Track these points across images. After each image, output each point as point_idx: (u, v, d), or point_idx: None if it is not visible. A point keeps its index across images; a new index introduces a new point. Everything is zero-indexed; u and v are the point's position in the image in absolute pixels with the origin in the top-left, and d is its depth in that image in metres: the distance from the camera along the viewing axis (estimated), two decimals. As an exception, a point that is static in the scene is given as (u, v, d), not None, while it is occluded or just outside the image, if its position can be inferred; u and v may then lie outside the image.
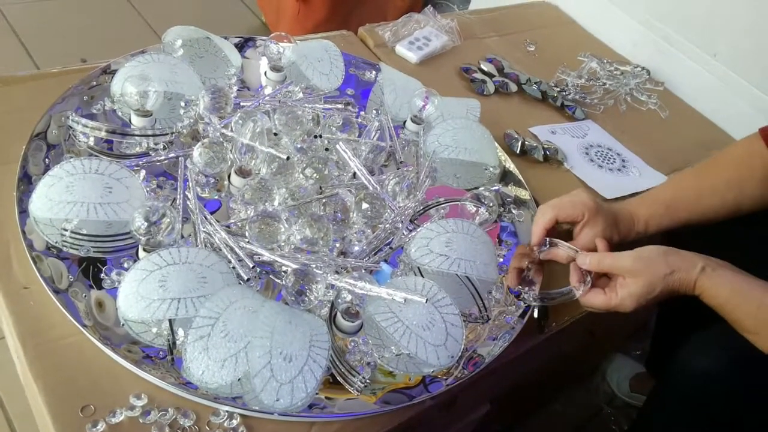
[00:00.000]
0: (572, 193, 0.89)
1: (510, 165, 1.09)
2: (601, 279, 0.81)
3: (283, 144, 0.92)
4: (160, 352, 0.69)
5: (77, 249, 0.74)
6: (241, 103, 0.97)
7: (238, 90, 1.02)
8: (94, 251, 0.75)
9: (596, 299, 0.80)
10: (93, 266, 0.75)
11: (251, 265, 0.77)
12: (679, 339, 0.90)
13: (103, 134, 0.85)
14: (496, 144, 1.09)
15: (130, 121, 0.89)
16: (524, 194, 1.04)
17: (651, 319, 1.44)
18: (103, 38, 1.99)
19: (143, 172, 0.84)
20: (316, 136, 0.94)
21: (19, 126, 0.85)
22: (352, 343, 0.76)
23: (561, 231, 0.89)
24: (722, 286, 0.74)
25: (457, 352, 0.75)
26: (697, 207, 0.91)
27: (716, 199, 0.91)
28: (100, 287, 0.73)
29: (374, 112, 1.06)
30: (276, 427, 0.68)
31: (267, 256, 0.78)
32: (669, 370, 0.90)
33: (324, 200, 0.87)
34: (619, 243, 0.88)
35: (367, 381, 0.72)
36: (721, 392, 0.81)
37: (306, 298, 0.73)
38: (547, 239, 0.86)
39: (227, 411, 0.67)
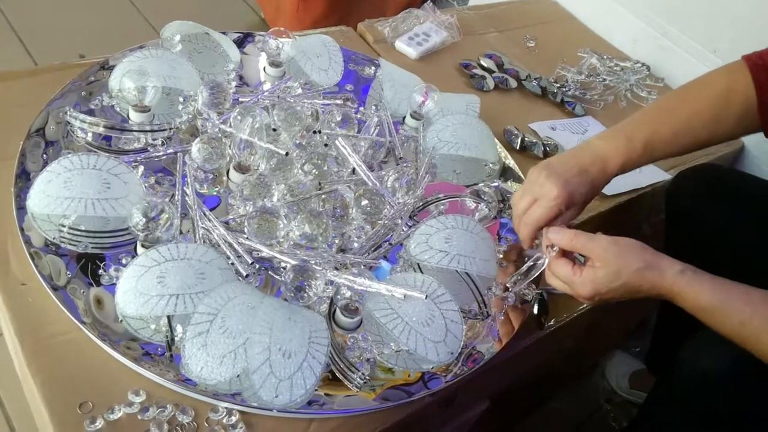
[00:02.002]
0: (536, 191, 0.83)
1: (510, 161, 1.08)
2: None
3: (282, 140, 0.92)
4: (159, 349, 0.69)
5: (75, 245, 0.74)
6: (240, 99, 0.96)
7: (236, 86, 1.01)
8: (92, 247, 0.75)
9: (560, 269, 0.77)
10: (91, 263, 0.74)
11: (250, 261, 0.77)
12: (680, 337, 0.90)
13: (101, 130, 0.84)
14: (496, 140, 1.08)
15: (128, 116, 0.89)
16: (524, 190, 1.03)
17: (651, 317, 1.43)
18: (101, 34, 1.98)
19: (141, 168, 0.83)
20: (315, 132, 0.94)
21: (17, 122, 0.85)
22: (352, 340, 0.75)
23: None
24: (702, 293, 0.71)
25: (456, 349, 0.75)
26: (672, 146, 0.87)
27: (690, 136, 0.87)
28: (98, 284, 0.73)
29: (373, 107, 1.06)
30: (275, 424, 0.68)
31: (266, 252, 0.78)
32: (670, 368, 0.90)
33: (323, 196, 0.87)
34: (596, 191, 0.85)
35: (367, 377, 0.72)
36: (722, 391, 0.81)
37: (305, 295, 0.73)
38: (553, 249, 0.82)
39: (226, 407, 0.67)
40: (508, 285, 0.85)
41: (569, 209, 0.84)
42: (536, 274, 0.83)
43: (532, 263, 0.82)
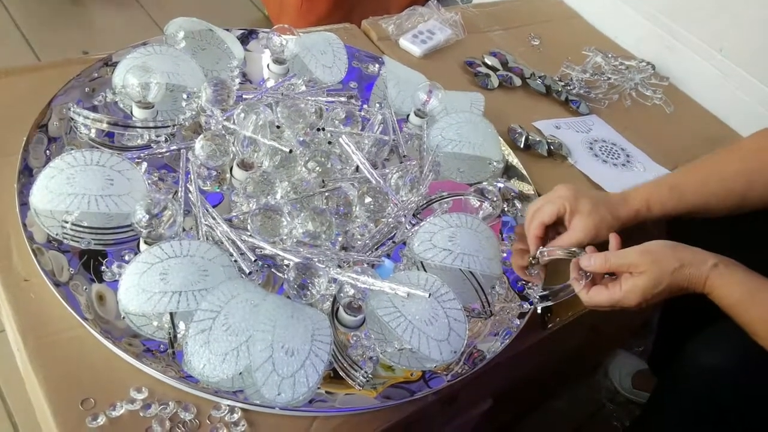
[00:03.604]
0: (553, 190, 0.86)
1: (514, 159, 1.08)
2: (604, 276, 0.80)
3: (285, 137, 0.91)
4: (161, 346, 0.69)
5: (78, 241, 0.74)
6: (244, 96, 0.96)
7: (240, 83, 1.01)
8: (94, 244, 0.75)
9: (599, 296, 0.77)
10: (94, 259, 0.74)
11: (253, 259, 0.76)
12: (683, 338, 0.89)
13: (104, 126, 0.84)
14: (500, 138, 1.08)
15: (131, 113, 0.89)
16: (528, 189, 1.03)
17: (654, 317, 1.43)
18: (104, 30, 1.98)
19: (145, 165, 0.83)
20: (318, 129, 0.94)
21: (20, 118, 0.84)
22: (354, 338, 0.75)
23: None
24: (734, 286, 0.72)
25: (459, 348, 0.75)
26: (702, 193, 0.88)
27: (722, 187, 0.88)
28: (101, 280, 0.73)
29: (377, 105, 1.06)
30: (277, 422, 0.68)
31: (269, 249, 0.78)
32: (675, 366, 0.89)
33: (326, 194, 0.86)
34: (620, 226, 0.85)
35: (370, 376, 0.72)
36: (728, 388, 0.80)
37: (308, 292, 0.73)
38: (544, 250, 0.84)
39: (228, 405, 0.67)
40: (533, 297, 0.85)
41: (575, 216, 0.83)
42: (565, 298, 0.83)
43: (563, 289, 0.83)
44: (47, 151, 0.82)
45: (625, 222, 0.86)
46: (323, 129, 0.94)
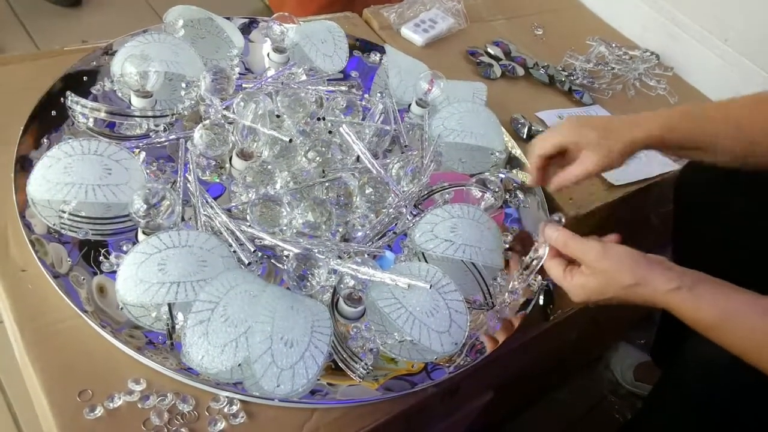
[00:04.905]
0: (560, 123, 0.85)
1: (516, 150, 1.07)
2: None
3: (285, 126, 0.90)
4: (160, 337, 0.68)
5: (75, 231, 0.73)
6: (244, 85, 0.95)
7: (241, 73, 1.00)
8: (92, 234, 0.74)
9: (554, 272, 0.75)
10: (94, 250, 0.73)
11: (252, 249, 0.76)
12: (686, 329, 0.88)
13: (102, 115, 0.83)
14: (503, 129, 1.07)
15: (130, 102, 0.88)
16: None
17: (657, 309, 1.42)
18: (103, 18, 1.97)
19: (143, 154, 0.82)
20: (319, 119, 0.93)
21: (18, 106, 0.83)
22: (355, 329, 0.75)
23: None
24: (702, 311, 0.67)
25: (461, 339, 0.74)
26: (710, 131, 0.81)
27: (733, 129, 0.81)
28: (101, 272, 0.72)
29: (378, 94, 1.04)
30: (277, 414, 0.67)
31: (268, 240, 0.77)
32: (675, 360, 0.89)
33: (327, 184, 0.86)
34: (633, 151, 0.81)
35: (370, 367, 0.71)
36: (728, 382, 0.80)
37: (308, 283, 0.72)
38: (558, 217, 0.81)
39: (227, 397, 0.66)
40: (514, 281, 0.84)
41: (582, 151, 0.81)
42: (539, 266, 0.80)
43: (532, 257, 0.80)
44: (45, 141, 0.82)
45: (637, 146, 0.82)
46: (323, 118, 0.93)
